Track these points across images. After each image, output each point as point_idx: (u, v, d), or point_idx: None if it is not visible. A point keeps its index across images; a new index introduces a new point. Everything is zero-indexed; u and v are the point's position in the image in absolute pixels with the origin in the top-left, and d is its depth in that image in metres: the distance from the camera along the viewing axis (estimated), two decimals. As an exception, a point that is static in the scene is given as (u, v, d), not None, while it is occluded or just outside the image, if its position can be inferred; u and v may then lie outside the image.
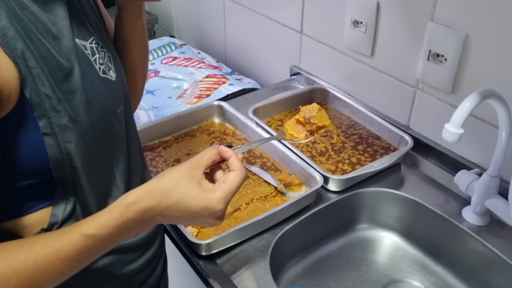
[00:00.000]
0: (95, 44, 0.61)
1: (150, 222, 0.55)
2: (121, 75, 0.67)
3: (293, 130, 0.66)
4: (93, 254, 0.54)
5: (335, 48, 1.16)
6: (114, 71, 0.65)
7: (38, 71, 0.50)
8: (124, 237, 0.55)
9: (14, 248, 0.50)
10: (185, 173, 0.55)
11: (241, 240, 0.81)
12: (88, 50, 0.59)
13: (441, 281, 0.85)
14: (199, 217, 0.55)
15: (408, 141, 0.99)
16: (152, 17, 1.81)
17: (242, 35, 1.50)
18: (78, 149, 0.55)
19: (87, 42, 0.59)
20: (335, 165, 0.99)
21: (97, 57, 0.60)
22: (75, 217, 0.58)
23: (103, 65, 0.61)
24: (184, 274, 0.93)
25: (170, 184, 0.54)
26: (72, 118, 0.54)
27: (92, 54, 0.60)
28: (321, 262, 0.88)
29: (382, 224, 0.94)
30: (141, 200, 0.53)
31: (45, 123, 0.51)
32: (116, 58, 0.68)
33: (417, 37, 0.95)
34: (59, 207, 0.57)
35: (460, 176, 0.88)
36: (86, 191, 0.58)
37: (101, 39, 0.64)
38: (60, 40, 0.54)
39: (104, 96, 0.60)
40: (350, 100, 1.15)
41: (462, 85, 0.90)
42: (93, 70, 0.59)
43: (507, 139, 0.77)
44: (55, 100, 0.52)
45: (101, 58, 0.62)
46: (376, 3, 1.00)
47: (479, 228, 0.85)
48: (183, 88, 1.35)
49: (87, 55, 0.58)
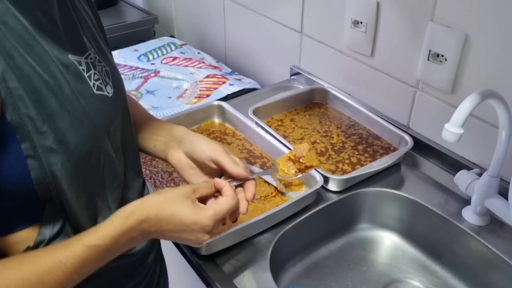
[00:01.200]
0: (91, 59, 0.59)
1: (146, 233, 0.58)
2: (119, 90, 0.64)
3: (284, 166, 0.71)
4: (94, 266, 0.55)
5: (335, 48, 1.16)
6: (112, 86, 0.62)
7: (20, 92, 0.48)
8: (123, 248, 0.57)
9: (15, 266, 0.49)
10: (181, 192, 0.60)
11: (241, 240, 0.81)
12: (82, 65, 0.56)
13: (441, 281, 0.85)
14: (189, 230, 0.59)
15: (408, 141, 0.99)
16: (152, 17, 1.81)
17: (242, 35, 1.50)
18: (65, 171, 0.53)
19: (82, 57, 0.57)
20: (335, 165, 0.99)
21: (92, 73, 0.58)
22: (64, 234, 0.57)
23: (98, 81, 0.58)
24: (184, 274, 0.93)
25: (167, 199, 0.59)
26: (58, 139, 0.51)
27: (87, 69, 0.57)
28: (321, 262, 0.88)
29: (382, 224, 0.94)
30: (140, 210, 0.57)
31: (28, 145, 0.49)
32: (115, 71, 0.65)
33: (417, 37, 0.95)
34: (47, 226, 0.55)
35: (460, 176, 0.88)
36: (75, 211, 0.56)
37: (99, 53, 0.62)
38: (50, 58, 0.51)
39: (97, 114, 0.57)
40: (350, 100, 1.15)
41: (462, 85, 0.90)
42: (86, 87, 0.56)
43: (507, 139, 0.77)
44: (39, 121, 0.49)
45: (97, 74, 0.59)
46: (376, 3, 1.00)
47: (479, 228, 0.85)
48: (183, 88, 1.35)
49: (80, 71, 0.56)
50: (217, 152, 0.69)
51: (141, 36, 1.74)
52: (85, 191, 0.57)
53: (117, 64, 1.47)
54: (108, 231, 0.54)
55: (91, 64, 0.58)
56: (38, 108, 0.49)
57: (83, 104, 0.54)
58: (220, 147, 0.70)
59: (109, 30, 1.70)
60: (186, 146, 0.71)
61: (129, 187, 0.68)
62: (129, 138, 0.68)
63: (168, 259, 0.86)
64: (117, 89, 0.63)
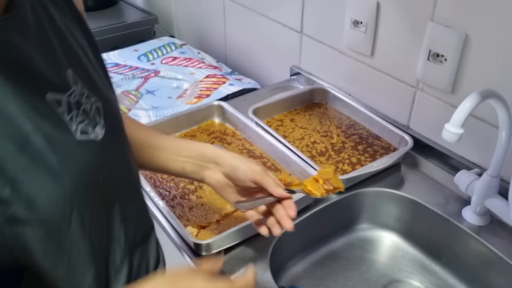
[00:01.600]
0: (75, 96, 0.49)
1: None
2: (115, 127, 0.56)
3: (312, 187, 0.72)
4: None
5: (335, 48, 1.16)
6: (104, 125, 0.52)
7: None
8: None
9: None
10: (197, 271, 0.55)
11: (241, 240, 0.81)
12: (63, 106, 0.47)
13: (441, 281, 0.85)
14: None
15: (408, 141, 0.99)
16: (152, 17, 1.81)
17: (242, 35, 1.50)
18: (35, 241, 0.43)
19: (63, 95, 0.47)
20: (335, 165, 0.99)
21: (74, 114, 0.48)
22: None
23: (83, 123, 0.49)
24: (184, 274, 0.93)
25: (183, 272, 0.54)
26: (27, 203, 0.42)
27: (68, 110, 0.47)
28: (321, 262, 0.89)
29: (382, 224, 0.94)
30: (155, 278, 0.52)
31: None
32: (110, 106, 0.55)
33: (417, 37, 0.95)
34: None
35: (460, 176, 0.88)
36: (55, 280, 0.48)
37: (89, 87, 0.52)
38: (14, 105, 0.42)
39: (78, 164, 0.47)
40: (350, 100, 1.15)
41: (462, 85, 0.90)
42: (66, 133, 0.47)
43: (507, 139, 0.77)
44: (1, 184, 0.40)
45: (82, 114, 0.49)
46: (376, 3, 1.00)
47: (479, 228, 0.85)
48: (183, 88, 1.35)
49: (58, 114, 0.46)
50: (258, 174, 0.68)
51: (141, 36, 1.74)
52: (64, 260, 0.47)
53: (117, 64, 1.47)
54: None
55: (75, 103, 0.49)
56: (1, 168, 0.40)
57: (59, 155, 0.45)
58: (259, 167, 0.69)
59: (109, 30, 1.70)
60: (224, 168, 0.70)
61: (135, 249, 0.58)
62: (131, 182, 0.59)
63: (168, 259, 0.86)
64: (112, 127, 0.54)
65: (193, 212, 0.87)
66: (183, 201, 0.90)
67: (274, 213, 0.69)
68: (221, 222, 0.85)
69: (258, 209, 0.71)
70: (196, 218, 0.86)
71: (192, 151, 0.72)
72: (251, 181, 0.69)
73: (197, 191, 0.92)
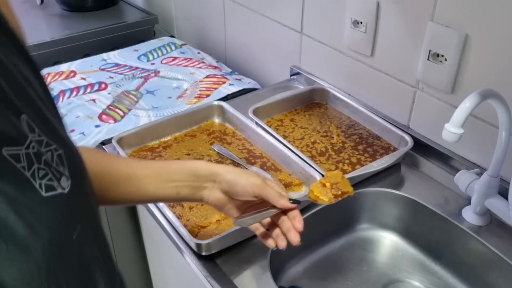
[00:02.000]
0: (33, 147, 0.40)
1: None
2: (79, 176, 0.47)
3: (319, 192, 0.69)
4: None
5: (335, 48, 1.16)
6: (69, 175, 0.44)
7: None
8: None
9: None
10: None
11: (241, 240, 0.81)
12: (22, 161, 0.39)
13: (441, 281, 0.86)
14: None
15: (408, 141, 0.99)
16: (152, 17, 1.81)
17: (242, 35, 1.50)
18: None
19: (22, 148, 0.39)
20: (335, 165, 0.99)
21: (35, 169, 0.40)
22: None
23: (46, 177, 0.41)
24: (184, 274, 0.93)
25: None
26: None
27: (28, 165, 0.39)
28: (321, 262, 0.89)
29: (382, 224, 0.94)
30: None
31: None
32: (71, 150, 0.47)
33: (417, 37, 0.95)
34: None
35: (460, 176, 0.88)
36: None
37: (47, 132, 0.43)
38: None
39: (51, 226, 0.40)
40: (350, 100, 1.15)
41: (462, 85, 0.90)
42: (30, 193, 0.39)
43: (507, 139, 0.77)
44: None
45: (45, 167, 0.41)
46: (376, 3, 1.00)
47: (479, 228, 0.85)
48: (183, 88, 1.35)
49: (20, 172, 0.38)
50: (258, 187, 0.65)
51: (141, 36, 1.74)
52: None
53: (117, 64, 1.47)
54: None
55: (34, 155, 0.40)
56: None
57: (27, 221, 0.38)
58: (258, 180, 0.66)
59: (109, 30, 1.70)
60: (222, 185, 0.67)
61: None
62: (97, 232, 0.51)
63: (168, 259, 0.86)
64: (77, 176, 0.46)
65: (193, 212, 0.87)
66: (183, 201, 0.90)
67: (279, 225, 0.67)
68: (221, 222, 0.85)
69: (263, 221, 0.69)
70: (196, 218, 0.86)
71: (183, 173, 0.67)
72: (251, 196, 0.66)
73: (197, 191, 0.92)
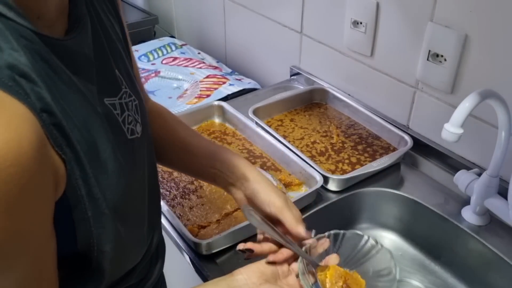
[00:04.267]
0: (125, 98, 0.52)
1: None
2: (145, 122, 0.58)
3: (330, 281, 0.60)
4: None
5: (335, 48, 1.16)
6: (140, 123, 0.55)
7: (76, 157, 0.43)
8: None
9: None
10: None
11: (241, 240, 0.81)
12: (117, 109, 0.50)
13: (441, 281, 0.86)
14: None
15: (407, 141, 0.99)
16: (152, 17, 1.81)
17: (242, 35, 1.50)
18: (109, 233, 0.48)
19: (116, 99, 0.50)
20: (335, 165, 0.99)
21: (126, 116, 0.51)
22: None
23: (131, 124, 0.53)
24: (184, 274, 0.94)
25: None
26: (105, 202, 0.46)
27: (121, 112, 0.50)
28: (321, 261, 0.89)
29: (382, 224, 0.94)
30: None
31: (79, 210, 0.44)
32: (142, 100, 0.58)
33: (417, 37, 0.95)
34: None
35: (459, 176, 0.88)
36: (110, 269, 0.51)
37: (129, 84, 0.55)
38: (92, 112, 0.45)
39: (131, 163, 0.51)
40: (350, 100, 1.15)
41: (462, 85, 0.90)
42: (122, 135, 0.50)
43: (506, 139, 0.77)
44: (88, 185, 0.44)
45: (131, 115, 0.53)
46: (376, 3, 1.00)
47: (479, 228, 0.85)
48: (184, 88, 1.35)
49: (116, 117, 0.50)
50: (276, 208, 0.62)
51: (142, 36, 1.74)
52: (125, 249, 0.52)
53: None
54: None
55: (125, 104, 0.52)
56: (87, 172, 0.44)
57: (120, 158, 0.49)
58: (280, 201, 0.63)
59: (110, 30, 1.70)
60: (247, 191, 0.67)
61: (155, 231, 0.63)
62: (153, 177, 0.62)
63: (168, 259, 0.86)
64: (145, 124, 0.58)
65: (193, 211, 0.87)
66: (183, 200, 0.90)
67: None
68: (221, 222, 0.85)
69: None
70: (196, 217, 0.86)
71: (224, 165, 0.69)
72: (268, 214, 0.64)
73: (197, 191, 0.92)
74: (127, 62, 0.57)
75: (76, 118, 0.42)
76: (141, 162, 0.55)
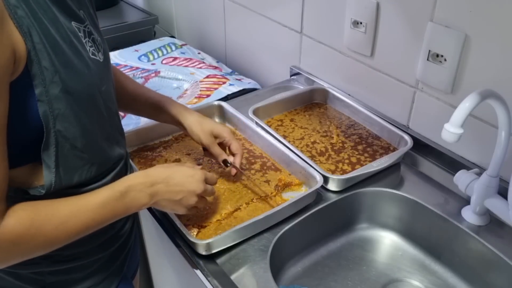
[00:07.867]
0: (88, 28, 0.69)
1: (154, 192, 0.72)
2: (107, 59, 0.75)
3: None
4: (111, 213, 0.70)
5: (335, 48, 1.16)
6: (102, 54, 0.72)
7: (40, 46, 0.57)
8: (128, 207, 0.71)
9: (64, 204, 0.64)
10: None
11: (241, 240, 0.81)
12: (81, 32, 0.66)
13: (441, 281, 0.86)
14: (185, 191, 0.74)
15: (407, 141, 0.99)
16: (152, 17, 1.81)
17: (242, 35, 1.50)
18: (65, 116, 0.62)
19: (81, 25, 0.67)
20: (335, 165, 0.99)
21: (87, 40, 0.68)
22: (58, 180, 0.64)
23: (92, 47, 0.69)
24: (184, 274, 0.94)
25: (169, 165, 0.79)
26: (64, 89, 0.60)
27: (84, 36, 0.67)
28: (321, 262, 0.89)
29: (381, 224, 0.94)
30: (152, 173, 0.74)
31: (41, 91, 0.58)
32: (104, 43, 0.75)
33: (417, 37, 0.95)
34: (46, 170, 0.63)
35: (459, 176, 0.88)
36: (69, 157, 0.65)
37: (92, 25, 0.72)
38: (59, 22, 0.62)
39: (92, 73, 0.66)
40: (350, 100, 1.15)
41: (462, 85, 0.90)
42: (85, 50, 0.66)
43: (506, 139, 0.77)
44: (52, 72, 0.59)
45: (91, 42, 0.69)
46: (376, 3, 1.00)
47: (479, 228, 0.85)
48: (184, 88, 1.35)
49: (80, 37, 0.66)
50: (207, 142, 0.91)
51: (142, 37, 1.75)
52: (82, 137, 0.66)
53: (118, 64, 1.48)
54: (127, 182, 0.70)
55: (87, 32, 0.68)
56: (52, 61, 0.59)
57: (83, 63, 0.64)
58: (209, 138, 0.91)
59: (110, 30, 1.70)
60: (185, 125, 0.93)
61: (113, 139, 0.76)
62: (113, 99, 0.77)
63: (168, 259, 0.86)
64: (105, 58, 0.74)
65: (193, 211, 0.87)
66: (183, 201, 0.90)
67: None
68: (221, 222, 0.85)
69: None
70: (196, 218, 0.86)
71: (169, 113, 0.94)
72: (202, 144, 0.92)
73: (197, 191, 0.92)
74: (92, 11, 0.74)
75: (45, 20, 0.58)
76: (102, 80, 0.70)
